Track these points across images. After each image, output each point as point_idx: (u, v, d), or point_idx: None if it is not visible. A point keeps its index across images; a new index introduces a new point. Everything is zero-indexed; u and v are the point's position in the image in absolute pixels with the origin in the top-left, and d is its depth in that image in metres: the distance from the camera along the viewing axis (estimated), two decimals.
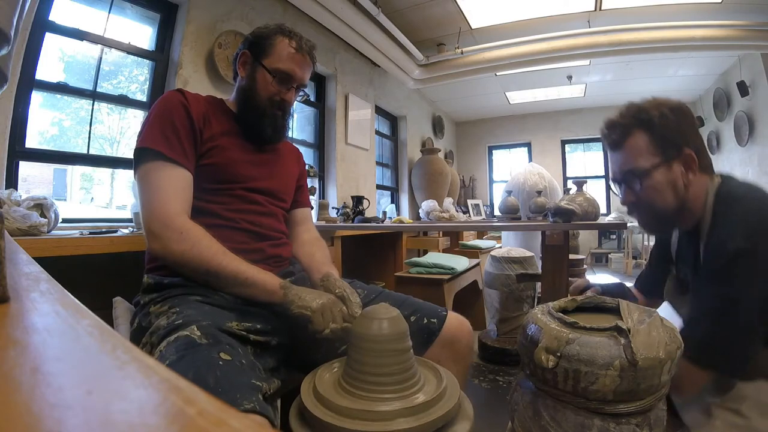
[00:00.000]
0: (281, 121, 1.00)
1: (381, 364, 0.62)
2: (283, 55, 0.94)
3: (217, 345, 0.64)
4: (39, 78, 1.85)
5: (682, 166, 0.81)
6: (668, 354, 0.56)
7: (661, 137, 0.81)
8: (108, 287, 1.10)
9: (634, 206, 0.87)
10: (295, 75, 0.96)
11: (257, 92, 0.95)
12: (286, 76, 0.95)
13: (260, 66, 0.95)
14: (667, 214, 0.84)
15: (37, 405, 0.16)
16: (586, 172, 6.60)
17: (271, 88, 0.95)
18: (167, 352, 0.63)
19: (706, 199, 0.82)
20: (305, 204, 1.17)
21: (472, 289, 2.64)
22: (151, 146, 0.82)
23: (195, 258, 0.76)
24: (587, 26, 3.74)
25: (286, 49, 0.95)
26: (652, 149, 0.81)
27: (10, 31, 0.33)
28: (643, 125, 0.82)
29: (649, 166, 0.81)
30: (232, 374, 0.60)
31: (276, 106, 0.97)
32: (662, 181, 0.81)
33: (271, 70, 0.94)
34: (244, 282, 0.78)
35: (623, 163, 0.85)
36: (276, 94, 0.96)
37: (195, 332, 0.65)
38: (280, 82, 0.95)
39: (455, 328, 0.92)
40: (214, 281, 0.79)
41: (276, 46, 0.95)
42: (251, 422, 0.15)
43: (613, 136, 0.86)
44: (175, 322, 0.68)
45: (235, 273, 0.77)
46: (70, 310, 0.28)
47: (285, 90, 0.96)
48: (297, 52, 0.95)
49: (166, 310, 0.74)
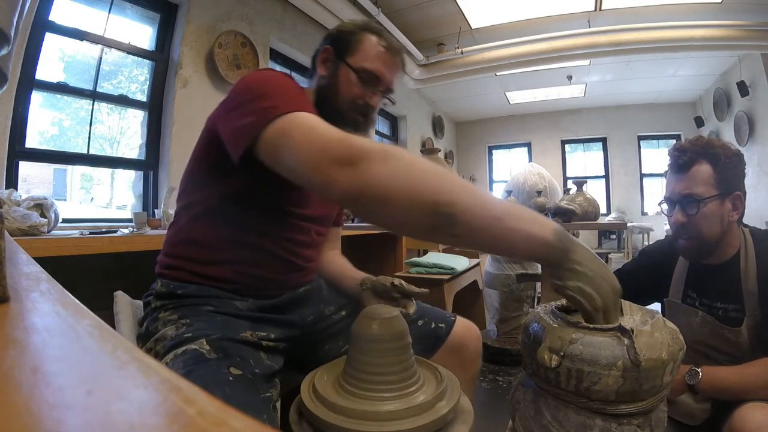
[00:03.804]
0: (362, 128, 0.87)
1: (381, 364, 0.62)
2: (370, 54, 0.83)
3: (226, 359, 0.63)
4: (39, 78, 1.85)
5: (730, 204, 0.91)
6: (671, 355, 0.56)
7: (722, 174, 0.90)
8: (108, 287, 1.10)
9: (682, 227, 0.93)
10: (383, 76, 0.84)
11: (338, 93, 0.83)
12: (373, 76, 0.83)
13: (344, 64, 0.83)
14: (710, 241, 0.92)
15: (37, 405, 0.16)
16: (586, 172, 6.60)
17: (355, 89, 0.83)
18: (174, 365, 0.61)
19: (743, 238, 0.93)
20: (339, 223, 1.09)
21: (472, 289, 2.64)
22: (295, 109, 0.61)
23: (418, 181, 0.52)
24: (587, 26, 3.74)
25: (375, 48, 0.83)
26: (713, 182, 0.90)
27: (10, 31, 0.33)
28: (710, 158, 0.90)
29: (707, 195, 0.89)
30: (242, 391, 0.59)
31: (358, 111, 0.85)
32: (714, 211, 0.89)
33: (357, 69, 0.82)
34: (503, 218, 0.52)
35: (684, 186, 0.92)
36: (360, 97, 0.83)
37: (204, 346, 0.63)
38: (366, 84, 0.83)
39: (463, 334, 0.91)
40: (445, 223, 0.51)
41: (363, 43, 0.83)
42: (251, 422, 0.15)
43: (683, 158, 0.92)
44: (185, 334, 0.66)
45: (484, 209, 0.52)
46: (70, 310, 0.28)
47: (370, 93, 0.84)
48: (386, 52, 0.84)
49: (175, 319, 0.71)
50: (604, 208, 5.99)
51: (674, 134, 6.14)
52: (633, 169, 6.38)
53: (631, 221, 5.97)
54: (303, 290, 0.88)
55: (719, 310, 0.93)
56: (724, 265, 0.94)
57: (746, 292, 0.89)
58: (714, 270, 0.95)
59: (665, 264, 1.05)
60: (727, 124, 4.91)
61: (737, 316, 0.90)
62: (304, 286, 0.89)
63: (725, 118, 4.99)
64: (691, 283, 1.00)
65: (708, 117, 5.50)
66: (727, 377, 0.83)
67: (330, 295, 0.94)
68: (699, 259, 0.97)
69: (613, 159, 6.50)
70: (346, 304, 0.93)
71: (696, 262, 0.99)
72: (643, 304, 0.78)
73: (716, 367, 0.87)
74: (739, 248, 0.93)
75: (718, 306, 0.93)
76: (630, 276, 1.11)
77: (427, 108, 5.96)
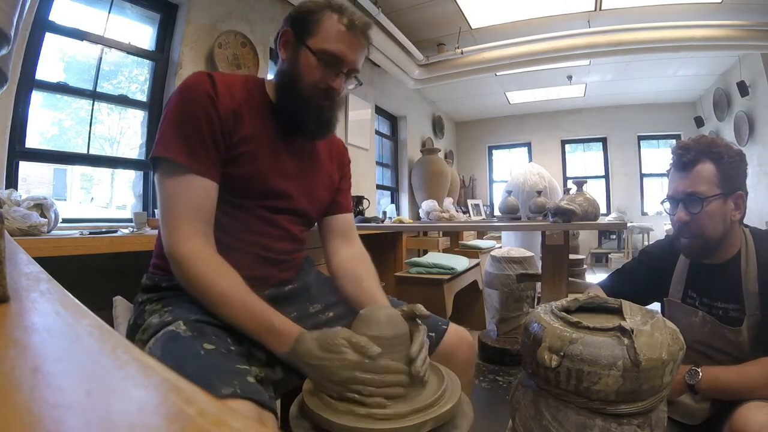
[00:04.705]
0: (328, 113, 0.84)
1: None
2: (331, 34, 0.79)
3: (201, 336, 0.63)
4: (39, 78, 1.85)
5: (733, 203, 0.91)
6: (671, 355, 0.56)
7: (725, 173, 0.90)
8: (108, 287, 1.10)
9: (685, 226, 0.93)
10: (345, 58, 0.80)
11: (299, 78, 0.80)
12: (335, 58, 0.79)
13: (304, 47, 0.79)
14: (713, 240, 0.92)
15: (37, 405, 0.16)
16: (586, 172, 6.60)
17: (315, 72, 0.79)
18: (154, 349, 0.63)
19: (744, 238, 0.93)
20: (346, 209, 0.99)
21: (472, 289, 2.64)
22: (168, 156, 0.71)
23: (201, 292, 0.68)
24: (587, 26, 3.74)
25: (335, 27, 0.79)
26: (716, 181, 0.90)
27: (10, 31, 0.33)
28: (713, 157, 0.90)
29: (711, 194, 0.89)
30: (213, 361, 0.59)
31: (322, 95, 0.81)
32: (717, 210, 0.90)
33: (316, 51, 0.78)
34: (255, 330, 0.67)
35: (688, 185, 0.92)
36: (321, 81, 0.80)
37: (180, 327, 0.65)
38: (327, 66, 0.79)
39: (453, 343, 0.86)
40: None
41: (323, 23, 0.79)
42: (252, 422, 0.15)
43: (686, 156, 0.92)
44: (166, 319, 0.68)
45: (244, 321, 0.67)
46: (70, 310, 0.28)
47: (332, 75, 0.80)
48: (348, 31, 0.79)
49: (159, 308, 0.73)
50: (604, 208, 6.00)
51: (674, 134, 6.15)
52: (633, 169, 6.38)
53: (631, 221, 5.97)
54: (288, 289, 0.87)
55: (719, 309, 0.93)
56: (725, 264, 0.94)
57: (746, 292, 0.89)
58: (714, 270, 0.95)
59: (665, 264, 1.05)
60: (727, 124, 4.91)
61: (737, 316, 0.90)
62: (288, 284, 0.88)
63: (725, 118, 4.99)
64: (691, 282, 1.00)
65: (708, 117, 5.50)
66: (728, 377, 0.83)
67: (318, 294, 0.92)
68: (701, 259, 0.97)
69: (613, 159, 6.50)
70: (334, 304, 0.91)
71: (696, 261, 0.99)
72: (643, 304, 0.78)
73: (716, 367, 0.87)
74: (740, 248, 0.93)
75: (718, 306, 0.93)
76: (630, 276, 1.11)
77: (427, 108, 5.96)
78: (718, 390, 0.84)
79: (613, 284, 1.13)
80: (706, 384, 0.84)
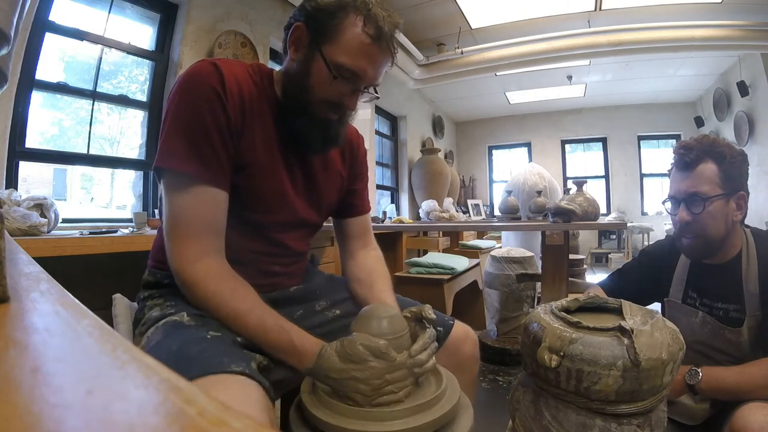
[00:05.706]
0: (336, 128, 0.74)
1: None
2: (352, 46, 0.66)
3: (205, 326, 0.63)
4: (39, 78, 1.85)
5: (734, 204, 0.91)
6: (671, 355, 0.56)
7: (727, 173, 0.90)
8: (108, 287, 1.10)
9: (687, 226, 0.93)
10: (366, 75, 0.69)
11: (308, 89, 0.69)
12: (353, 75, 0.68)
13: (318, 52, 0.67)
14: (714, 241, 0.92)
15: (37, 405, 0.16)
16: (586, 172, 6.60)
17: (328, 88, 0.68)
18: (154, 335, 0.62)
19: (745, 238, 0.93)
20: (363, 209, 0.91)
21: (472, 289, 2.64)
22: (172, 166, 0.64)
23: (213, 311, 0.65)
24: (587, 26, 3.74)
25: (358, 39, 0.66)
26: (718, 181, 0.90)
27: (10, 31, 0.33)
28: (715, 157, 0.90)
29: (713, 194, 0.89)
30: (221, 345, 0.58)
31: (332, 109, 0.71)
32: (719, 210, 0.90)
33: (333, 64, 0.67)
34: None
35: (690, 185, 0.92)
36: (334, 97, 0.70)
37: (184, 318, 0.64)
38: (343, 82, 0.68)
39: (459, 338, 0.87)
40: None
41: (345, 31, 0.66)
42: (252, 422, 0.15)
43: (688, 156, 0.92)
44: (167, 312, 0.67)
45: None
46: (70, 310, 0.28)
47: (348, 93, 0.70)
48: (373, 43, 0.66)
49: (161, 303, 0.72)
50: (604, 208, 6.00)
51: (674, 134, 6.14)
52: (633, 169, 6.38)
53: (631, 221, 5.97)
54: (294, 289, 0.86)
55: (720, 310, 0.93)
56: (726, 265, 0.94)
57: (747, 293, 0.89)
58: (715, 270, 0.95)
59: (666, 264, 1.05)
60: (727, 124, 4.91)
61: (738, 317, 0.90)
62: (295, 286, 0.87)
63: (725, 118, 4.99)
64: (691, 283, 1.00)
65: (708, 117, 5.50)
66: (728, 377, 0.83)
67: (323, 292, 0.91)
68: (702, 259, 0.97)
69: (613, 159, 6.50)
70: (340, 302, 0.89)
71: (697, 262, 0.99)
72: (644, 304, 0.78)
73: (716, 367, 0.87)
74: (741, 249, 0.93)
75: (718, 306, 0.93)
76: (630, 276, 1.11)
77: (427, 108, 5.96)
78: (718, 390, 0.84)
79: (613, 284, 1.13)
80: (706, 384, 0.84)
